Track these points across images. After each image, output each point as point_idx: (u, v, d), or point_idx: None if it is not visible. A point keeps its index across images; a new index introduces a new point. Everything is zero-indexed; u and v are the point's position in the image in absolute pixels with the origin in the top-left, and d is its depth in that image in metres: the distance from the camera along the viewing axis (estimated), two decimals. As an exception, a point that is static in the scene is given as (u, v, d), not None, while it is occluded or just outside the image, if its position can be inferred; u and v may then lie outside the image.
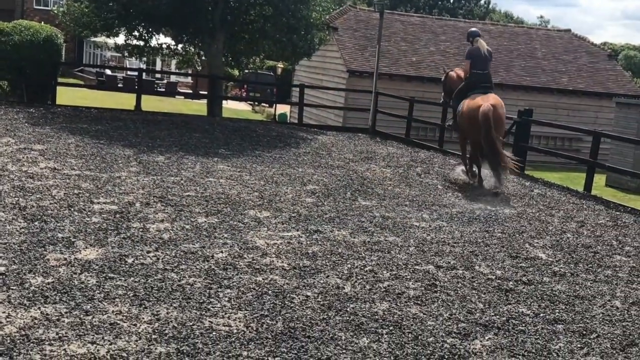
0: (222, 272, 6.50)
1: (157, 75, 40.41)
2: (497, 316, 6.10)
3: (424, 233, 8.70)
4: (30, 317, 5.10)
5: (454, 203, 10.79)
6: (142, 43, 20.85)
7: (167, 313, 5.42)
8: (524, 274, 7.43)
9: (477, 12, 62.35)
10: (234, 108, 33.56)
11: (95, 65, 44.07)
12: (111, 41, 22.62)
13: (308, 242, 7.76)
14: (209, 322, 5.34)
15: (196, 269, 6.51)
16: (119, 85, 32.82)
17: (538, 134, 23.38)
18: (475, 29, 13.59)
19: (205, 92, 24.82)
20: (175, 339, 4.98)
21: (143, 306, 5.50)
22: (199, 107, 29.62)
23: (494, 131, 11.56)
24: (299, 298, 6.03)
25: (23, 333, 4.82)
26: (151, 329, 5.11)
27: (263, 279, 6.43)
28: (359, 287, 6.47)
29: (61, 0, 40.11)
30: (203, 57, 22.23)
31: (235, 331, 5.22)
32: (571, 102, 26.41)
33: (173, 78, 40.03)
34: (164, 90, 35.19)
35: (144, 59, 22.73)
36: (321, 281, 6.52)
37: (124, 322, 5.17)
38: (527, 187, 13.02)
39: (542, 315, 6.26)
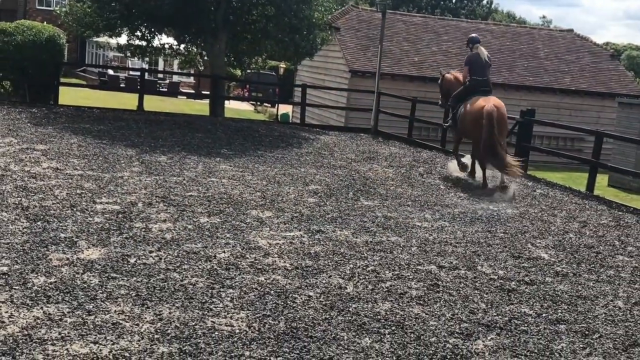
0: (225, 272, 6.50)
1: (160, 75, 40.44)
2: (499, 316, 6.10)
3: (426, 233, 8.70)
4: (33, 317, 5.10)
5: (457, 203, 10.78)
6: (145, 43, 20.87)
7: (170, 313, 5.42)
8: (527, 274, 7.43)
9: (479, 12, 62.27)
10: (236, 108, 33.57)
11: (98, 66, 44.11)
12: (113, 41, 22.65)
13: (310, 242, 7.76)
14: (212, 322, 5.34)
15: (198, 268, 6.52)
16: (122, 85, 32.84)
17: (540, 134, 23.39)
18: (475, 35, 13.59)
19: (208, 92, 24.84)
20: (177, 339, 4.98)
21: (145, 306, 5.51)
22: (202, 107, 29.63)
23: (497, 131, 11.68)
24: (301, 298, 6.03)
25: (26, 333, 4.83)
26: (153, 328, 5.11)
27: (265, 279, 6.43)
28: (361, 287, 6.47)
29: (64, 0, 40.16)
30: (205, 57, 22.24)
31: (237, 331, 5.23)
32: (574, 102, 26.39)
33: (175, 78, 40.04)
34: (166, 90, 35.21)
35: (147, 59, 22.78)
36: (323, 281, 6.52)
37: (127, 322, 5.18)
38: (530, 187, 13.01)
39: (544, 315, 6.26)
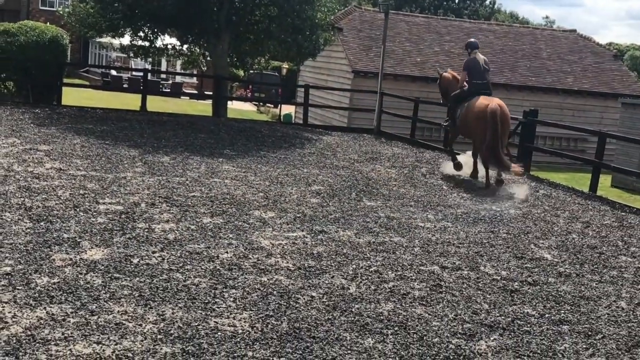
0: (227, 272, 6.50)
1: (163, 75, 40.45)
2: (502, 317, 6.10)
3: (429, 234, 8.70)
4: (36, 317, 5.11)
5: (459, 204, 10.78)
6: (148, 44, 20.88)
7: (173, 313, 5.43)
8: (529, 274, 7.43)
9: (482, 13, 62.26)
10: (239, 108, 33.59)
11: (101, 66, 44.16)
12: (116, 42, 22.67)
13: (313, 243, 7.76)
14: (214, 322, 5.35)
15: (201, 269, 6.52)
16: (124, 85, 32.87)
17: (543, 134, 23.37)
18: (474, 40, 13.63)
19: (211, 93, 24.84)
20: (180, 339, 4.99)
21: (148, 306, 5.51)
22: (204, 107, 29.66)
23: (500, 130, 11.91)
24: (304, 298, 6.03)
25: (29, 333, 4.84)
26: (156, 329, 5.12)
27: (268, 279, 6.43)
28: (364, 288, 6.47)
29: (67, 0, 40.22)
30: (208, 58, 22.25)
31: (240, 331, 5.23)
32: (576, 102, 26.36)
33: (178, 78, 40.04)
34: (169, 90, 35.24)
35: (149, 59, 22.77)
36: (326, 281, 6.53)
37: (130, 322, 5.19)
38: (533, 187, 13.00)
39: (547, 316, 6.25)
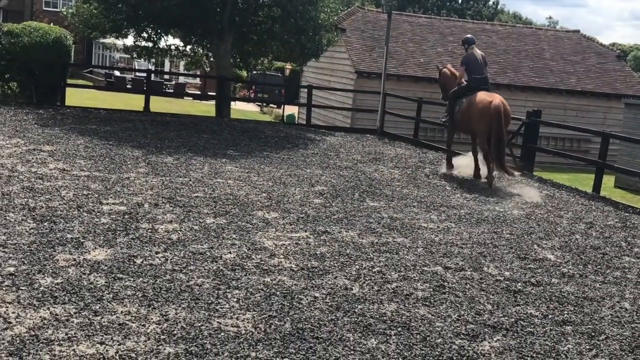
0: (231, 272, 6.51)
1: (166, 76, 40.52)
2: (505, 317, 6.09)
3: (432, 234, 8.69)
4: (40, 317, 5.12)
5: (463, 204, 10.77)
6: (151, 44, 20.92)
7: (176, 314, 5.43)
8: (533, 275, 7.42)
9: (485, 13, 62.23)
10: (242, 109, 33.61)
11: (104, 67, 44.27)
12: (120, 42, 22.69)
13: (316, 243, 7.76)
14: (218, 322, 5.35)
15: (204, 269, 6.53)
16: (128, 86, 32.95)
17: (547, 135, 23.32)
18: (470, 36, 13.71)
19: (214, 93, 24.87)
20: (183, 340, 4.99)
21: (152, 307, 5.52)
22: (207, 108, 29.69)
23: (504, 127, 12.28)
24: (307, 299, 6.03)
25: (32, 333, 4.84)
26: (160, 329, 5.13)
27: (271, 279, 6.43)
28: (367, 288, 6.47)
29: (70, 1, 40.28)
30: (211, 58, 22.28)
31: (243, 332, 5.23)
32: (580, 103, 26.33)
33: (181, 79, 40.11)
34: (172, 91, 35.30)
35: (153, 60, 22.80)
36: (329, 282, 6.53)
37: (133, 322, 5.19)
38: (536, 188, 12.99)
39: (550, 316, 6.25)
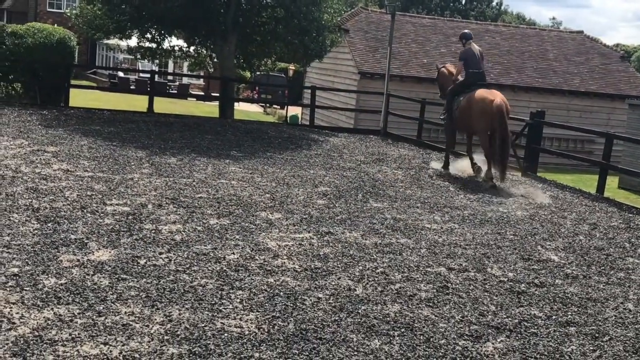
0: (234, 273, 6.51)
1: (169, 77, 40.55)
2: (509, 318, 6.09)
3: (435, 235, 8.69)
4: (44, 317, 5.13)
5: (466, 205, 10.77)
6: (155, 45, 20.95)
7: (179, 314, 5.44)
8: (536, 276, 7.41)
9: (488, 14, 62.17)
10: (245, 110, 33.64)
11: (108, 68, 44.36)
12: (124, 43, 22.74)
13: (319, 244, 7.76)
14: (221, 323, 5.35)
15: (208, 270, 6.53)
16: (132, 87, 32.98)
17: (550, 135, 23.32)
18: (468, 32, 13.76)
19: (217, 94, 24.90)
20: (187, 340, 5.00)
21: (155, 307, 5.53)
22: (211, 109, 29.70)
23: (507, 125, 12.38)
24: (311, 300, 6.03)
25: (36, 334, 4.85)
26: (163, 330, 5.13)
27: (275, 280, 6.44)
28: (370, 289, 6.47)
29: (74, 2, 40.35)
30: (215, 59, 22.30)
31: (247, 332, 5.24)
32: (583, 103, 26.31)
33: (185, 80, 40.14)
34: (176, 92, 35.34)
35: (156, 61, 22.83)
36: (333, 283, 6.53)
37: (137, 323, 5.20)
38: (539, 189, 12.98)
39: (554, 317, 6.24)
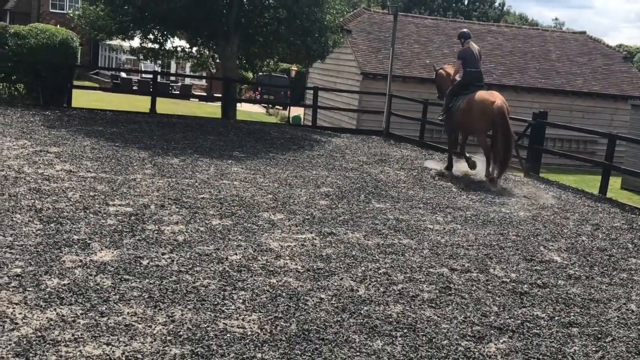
0: (237, 274, 6.52)
1: (172, 77, 40.58)
2: (511, 319, 6.08)
3: (438, 236, 8.69)
4: (46, 318, 5.14)
5: (469, 206, 10.76)
6: (157, 46, 20.96)
7: (182, 315, 5.44)
8: (539, 276, 7.41)
9: (491, 15, 62.15)
10: (248, 110, 33.65)
11: (111, 68, 44.40)
12: (126, 44, 22.78)
13: (322, 245, 7.76)
14: (224, 323, 5.36)
15: (210, 270, 6.54)
16: (134, 88, 33.00)
17: (553, 136, 23.30)
18: (466, 30, 13.73)
19: (220, 95, 24.92)
20: (189, 341, 5.00)
21: (158, 308, 5.53)
22: (213, 109, 29.68)
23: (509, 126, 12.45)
24: (313, 300, 6.03)
25: (39, 334, 4.86)
26: (166, 330, 5.14)
27: (277, 281, 6.44)
28: (372, 290, 6.47)
29: (77, 3, 40.41)
30: (217, 60, 22.31)
31: (249, 333, 5.24)
32: (586, 104, 26.27)
33: (187, 81, 40.16)
34: (178, 92, 35.33)
35: (159, 61, 22.84)
36: (335, 283, 6.53)
37: (139, 323, 5.20)
38: (542, 189, 12.97)
39: (557, 318, 6.24)
